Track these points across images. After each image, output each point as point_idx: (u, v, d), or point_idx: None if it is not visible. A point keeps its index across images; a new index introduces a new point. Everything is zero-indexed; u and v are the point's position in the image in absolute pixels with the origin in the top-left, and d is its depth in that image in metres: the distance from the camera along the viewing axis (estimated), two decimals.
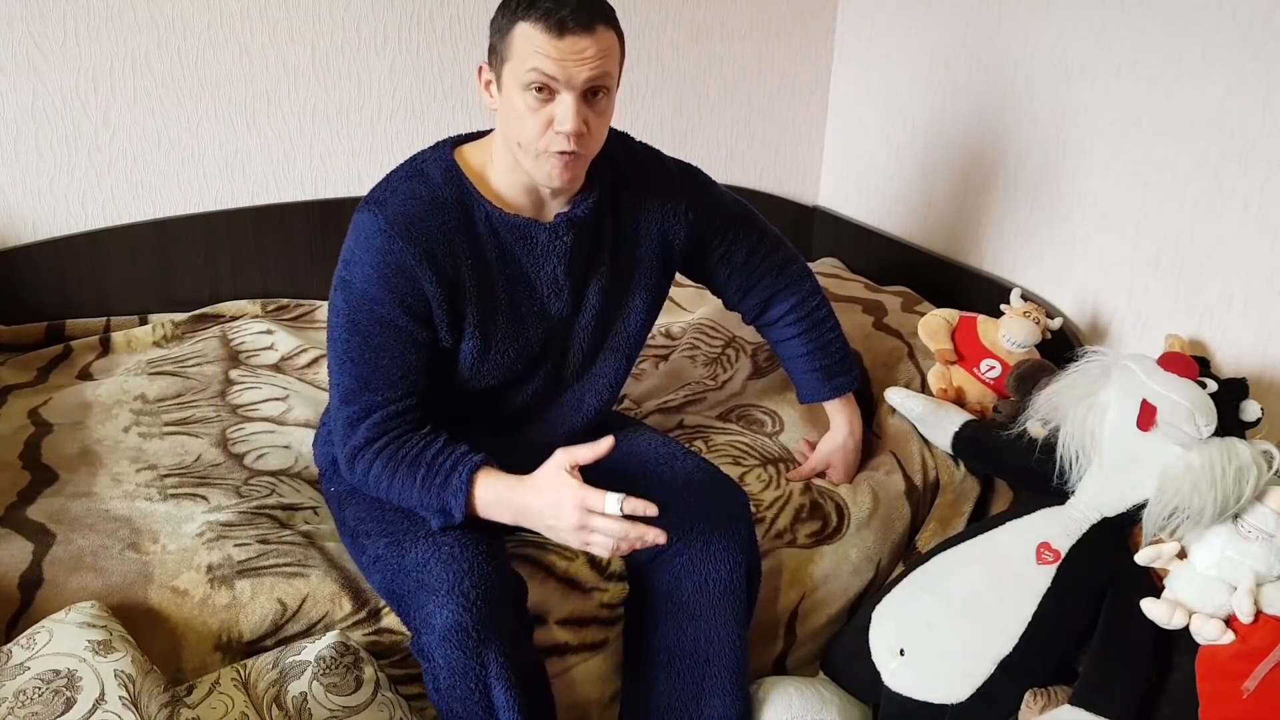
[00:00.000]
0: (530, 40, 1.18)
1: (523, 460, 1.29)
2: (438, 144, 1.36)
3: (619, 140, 1.44)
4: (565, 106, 1.20)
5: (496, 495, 1.26)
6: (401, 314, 1.27)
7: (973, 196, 2.16)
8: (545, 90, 1.20)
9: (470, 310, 1.31)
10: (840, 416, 1.66)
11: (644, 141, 1.48)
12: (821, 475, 1.67)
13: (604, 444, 1.22)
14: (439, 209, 1.28)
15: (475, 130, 1.40)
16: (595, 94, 1.23)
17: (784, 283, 1.61)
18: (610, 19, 1.22)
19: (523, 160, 1.26)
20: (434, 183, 1.29)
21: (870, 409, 1.83)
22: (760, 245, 1.58)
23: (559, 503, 1.21)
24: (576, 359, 1.43)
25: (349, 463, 1.31)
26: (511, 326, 1.35)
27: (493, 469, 1.27)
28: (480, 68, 1.28)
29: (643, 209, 1.42)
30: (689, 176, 1.49)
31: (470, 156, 1.33)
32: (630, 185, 1.41)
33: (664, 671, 1.40)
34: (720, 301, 1.66)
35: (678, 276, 1.55)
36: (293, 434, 1.70)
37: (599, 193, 1.35)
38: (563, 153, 1.22)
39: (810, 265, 2.45)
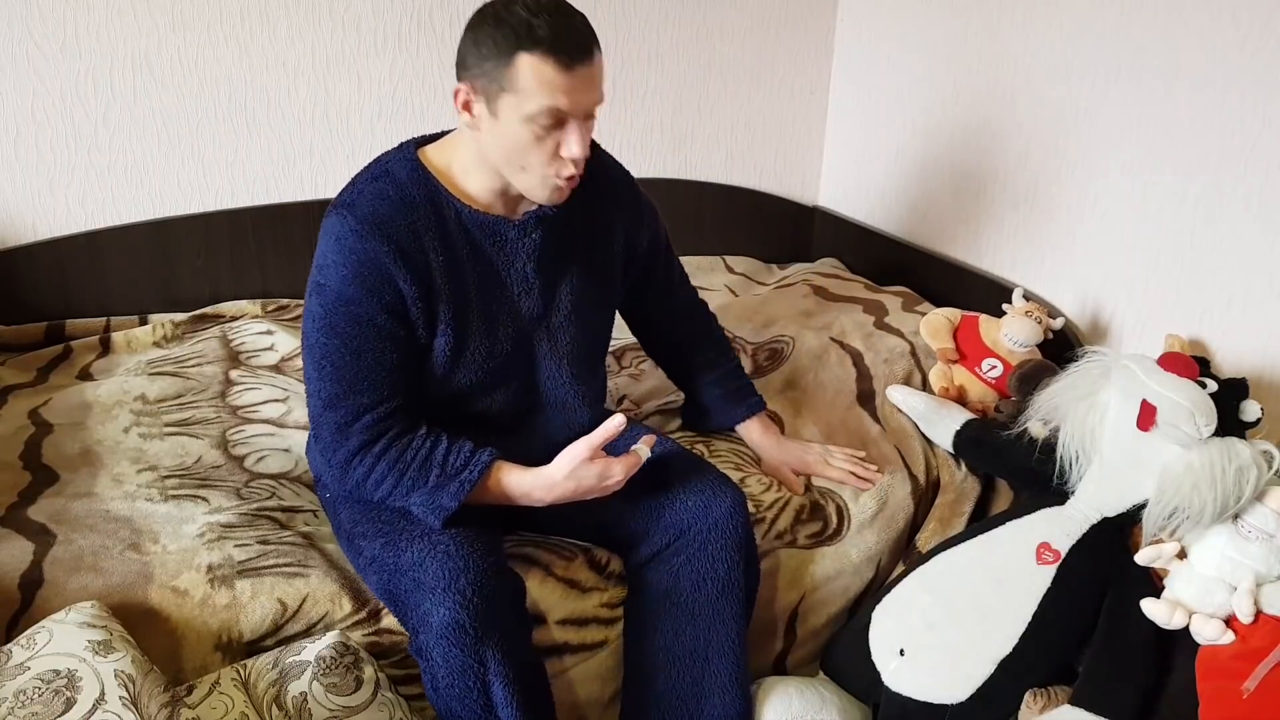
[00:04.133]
0: (539, 75, 1.17)
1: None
2: (400, 145, 1.35)
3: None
4: (574, 135, 1.22)
5: (509, 484, 1.32)
6: (379, 312, 1.27)
7: (973, 196, 2.16)
8: (554, 122, 1.21)
9: (443, 308, 1.31)
10: (756, 430, 1.70)
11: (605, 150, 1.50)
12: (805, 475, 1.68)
13: (613, 423, 1.30)
14: (408, 207, 1.28)
15: (436, 132, 1.39)
16: (590, 114, 1.25)
17: (694, 311, 1.69)
18: (597, 40, 1.23)
19: (519, 182, 1.27)
20: (401, 182, 1.29)
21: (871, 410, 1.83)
22: (679, 271, 1.66)
23: (579, 477, 1.30)
24: (549, 359, 1.43)
25: (343, 468, 1.31)
26: (484, 324, 1.35)
27: (502, 464, 1.32)
28: (457, 90, 1.24)
29: (612, 214, 1.44)
30: (639, 189, 1.53)
31: (434, 156, 1.33)
32: (599, 188, 1.43)
33: (663, 671, 1.40)
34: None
35: None
36: (293, 436, 1.70)
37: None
38: (569, 175, 1.25)
39: (810, 265, 2.47)
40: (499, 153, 1.25)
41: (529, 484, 1.31)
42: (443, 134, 1.37)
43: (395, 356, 1.29)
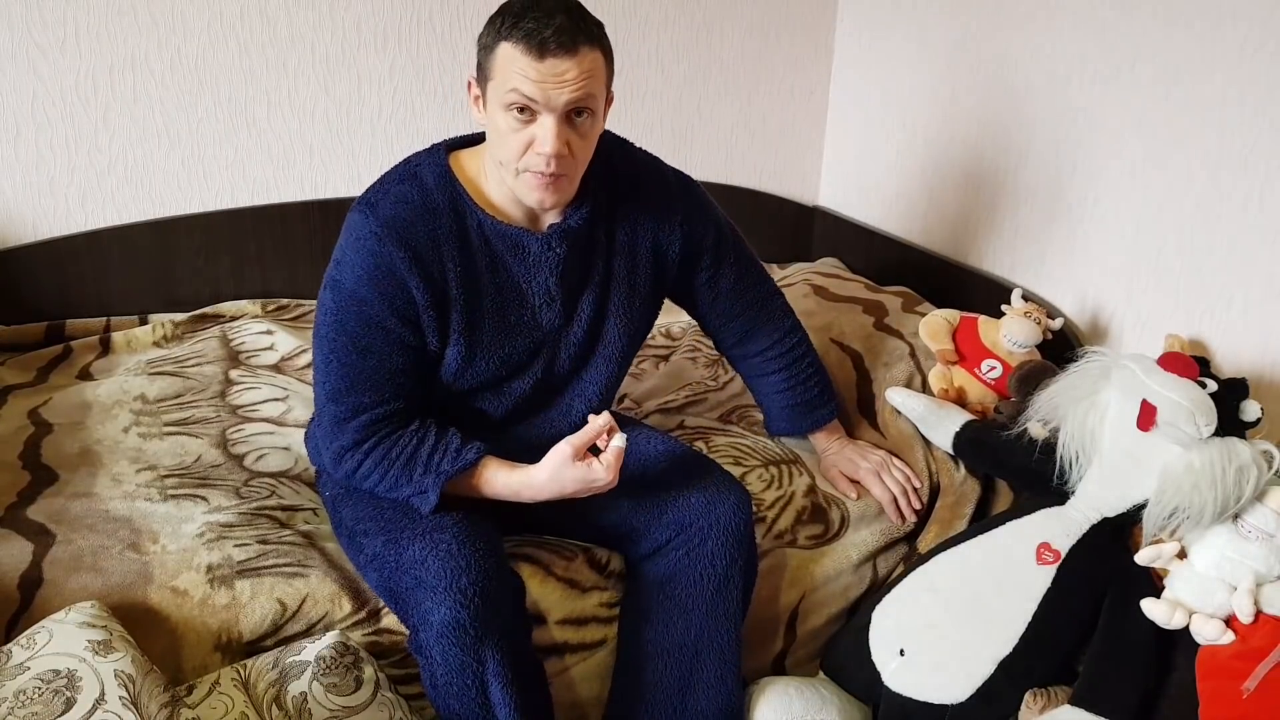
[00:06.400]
0: (511, 61, 1.18)
1: (510, 458, 1.32)
2: (433, 147, 1.35)
3: (619, 148, 1.43)
4: (546, 129, 1.20)
5: (495, 482, 1.31)
6: (390, 316, 1.27)
7: (973, 196, 2.16)
8: (526, 111, 1.20)
9: (455, 317, 1.31)
10: (821, 437, 1.69)
11: (644, 149, 1.48)
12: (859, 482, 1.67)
13: (597, 423, 1.27)
14: (431, 214, 1.28)
15: (472, 133, 1.40)
16: (579, 115, 1.22)
17: (766, 316, 1.62)
18: (595, 37, 1.21)
19: (505, 178, 1.27)
20: (427, 187, 1.29)
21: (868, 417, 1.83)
22: (747, 275, 1.59)
23: (561, 479, 1.28)
24: (564, 367, 1.42)
25: (335, 459, 1.33)
26: (498, 335, 1.35)
27: (490, 461, 1.31)
28: (470, 82, 1.28)
29: (638, 218, 1.42)
30: (687, 187, 1.49)
31: (465, 162, 1.33)
32: (627, 194, 1.41)
33: (652, 663, 1.40)
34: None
35: None
36: (292, 435, 1.70)
37: (593, 203, 1.35)
38: (543, 173, 1.23)
39: (810, 265, 2.47)
40: (490, 145, 1.27)
41: (517, 483, 1.31)
42: (479, 136, 1.36)
43: (400, 360, 1.30)
